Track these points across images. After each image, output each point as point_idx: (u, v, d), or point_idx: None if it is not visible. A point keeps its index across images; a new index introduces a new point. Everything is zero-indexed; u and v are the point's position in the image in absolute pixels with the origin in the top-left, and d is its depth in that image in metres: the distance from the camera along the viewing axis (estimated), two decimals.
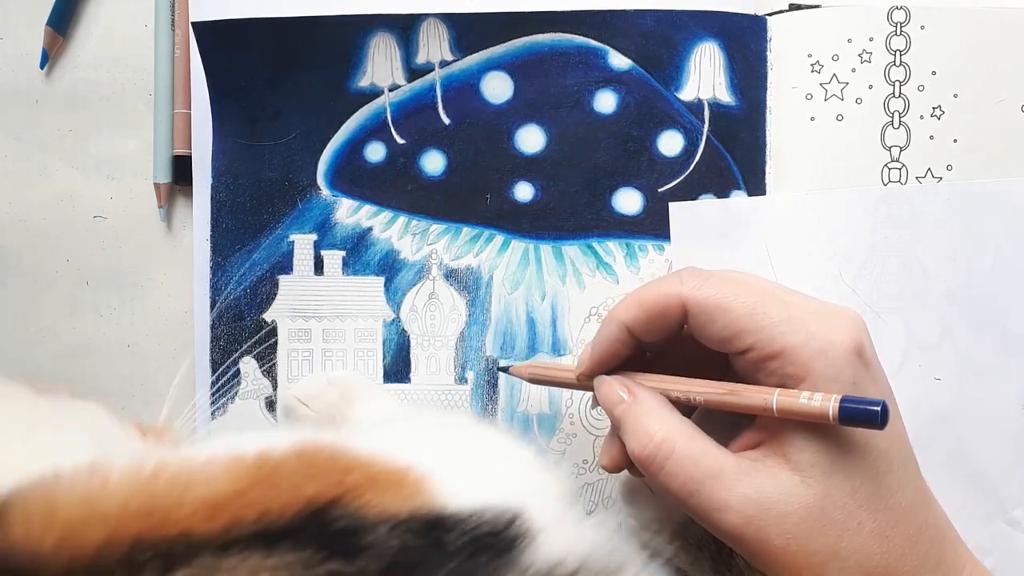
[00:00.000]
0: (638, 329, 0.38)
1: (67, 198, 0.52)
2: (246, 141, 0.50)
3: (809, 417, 0.34)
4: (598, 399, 0.40)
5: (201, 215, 0.50)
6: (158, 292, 0.52)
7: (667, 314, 0.37)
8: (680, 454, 0.35)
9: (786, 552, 0.34)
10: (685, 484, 0.35)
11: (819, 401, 0.34)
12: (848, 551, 0.34)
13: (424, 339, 0.50)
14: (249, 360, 0.50)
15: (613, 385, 0.39)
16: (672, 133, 0.49)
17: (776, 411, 0.34)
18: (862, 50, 0.48)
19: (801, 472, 0.34)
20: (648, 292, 0.38)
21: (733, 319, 0.36)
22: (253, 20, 0.49)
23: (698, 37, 0.48)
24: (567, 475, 0.47)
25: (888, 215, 0.48)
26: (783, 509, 0.34)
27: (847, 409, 0.33)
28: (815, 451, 0.34)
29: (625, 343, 0.39)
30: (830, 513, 0.34)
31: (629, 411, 0.37)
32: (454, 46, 0.49)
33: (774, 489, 0.34)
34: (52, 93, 0.52)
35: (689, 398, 0.37)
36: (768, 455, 0.35)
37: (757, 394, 0.35)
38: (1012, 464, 0.46)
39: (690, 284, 0.37)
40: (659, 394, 0.38)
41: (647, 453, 0.36)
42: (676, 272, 0.38)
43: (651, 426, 0.36)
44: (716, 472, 0.35)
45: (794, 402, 0.34)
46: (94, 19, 0.52)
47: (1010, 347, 0.46)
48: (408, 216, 0.50)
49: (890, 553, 0.34)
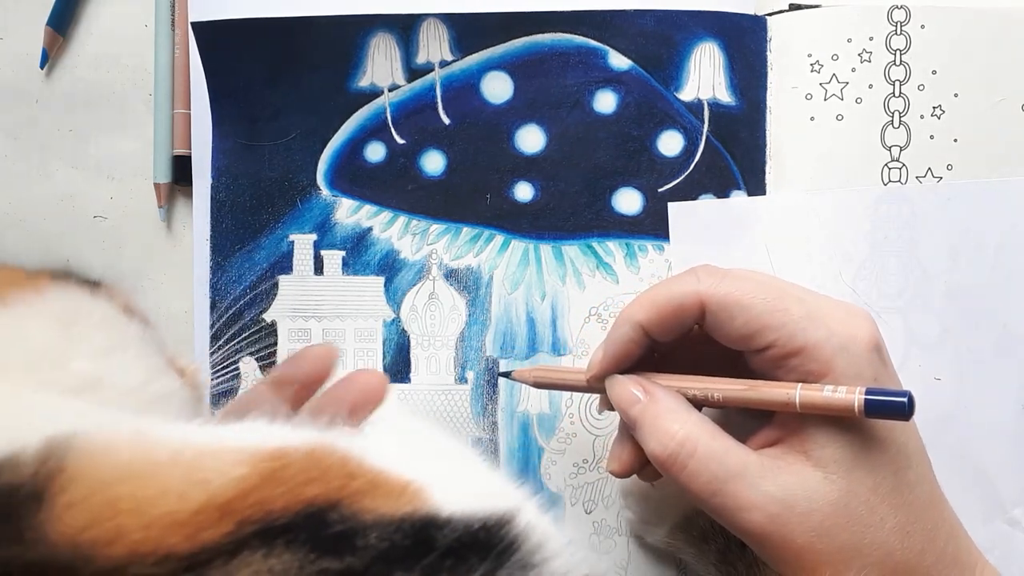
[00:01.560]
0: (653, 329, 0.37)
1: (67, 198, 0.52)
2: (246, 141, 0.50)
3: (834, 411, 0.33)
4: (611, 400, 0.39)
5: (201, 215, 0.50)
6: (158, 292, 0.52)
7: (683, 312, 0.37)
8: (703, 453, 0.35)
9: (810, 550, 0.34)
10: (709, 483, 0.34)
11: (843, 394, 0.33)
12: (870, 547, 0.34)
13: (424, 339, 0.50)
14: (249, 360, 0.50)
15: (628, 385, 0.38)
16: (672, 133, 0.49)
17: (799, 406, 0.34)
18: (862, 49, 0.48)
19: (824, 468, 0.34)
20: (663, 291, 0.37)
21: (753, 316, 0.35)
22: (253, 20, 0.49)
23: (698, 37, 0.48)
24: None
25: (888, 215, 0.47)
26: (808, 506, 0.34)
27: (873, 402, 0.33)
28: (837, 447, 0.34)
29: (639, 343, 0.38)
30: (853, 509, 0.34)
31: (647, 411, 0.37)
32: (454, 46, 0.49)
33: (798, 486, 0.34)
34: (52, 93, 0.52)
35: (707, 396, 0.37)
36: (788, 452, 0.35)
37: (778, 389, 0.35)
38: (1012, 464, 0.46)
39: (708, 282, 0.37)
40: (676, 393, 0.37)
41: (668, 452, 0.35)
42: (691, 270, 0.38)
43: (671, 425, 0.35)
44: (740, 471, 0.34)
45: (817, 396, 0.34)
46: (94, 19, 0.52)
47: (1010, 347, 0.46)
48: (408, 216, 0.50)
49: (910, 549, 0.34)
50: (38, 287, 0.33)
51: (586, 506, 0.49)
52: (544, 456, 0.49)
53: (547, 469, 0.49)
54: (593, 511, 0.48)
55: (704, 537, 0.43)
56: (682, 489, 0.36)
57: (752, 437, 0.37)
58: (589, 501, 0.49)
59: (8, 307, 0.31)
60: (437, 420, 0.49)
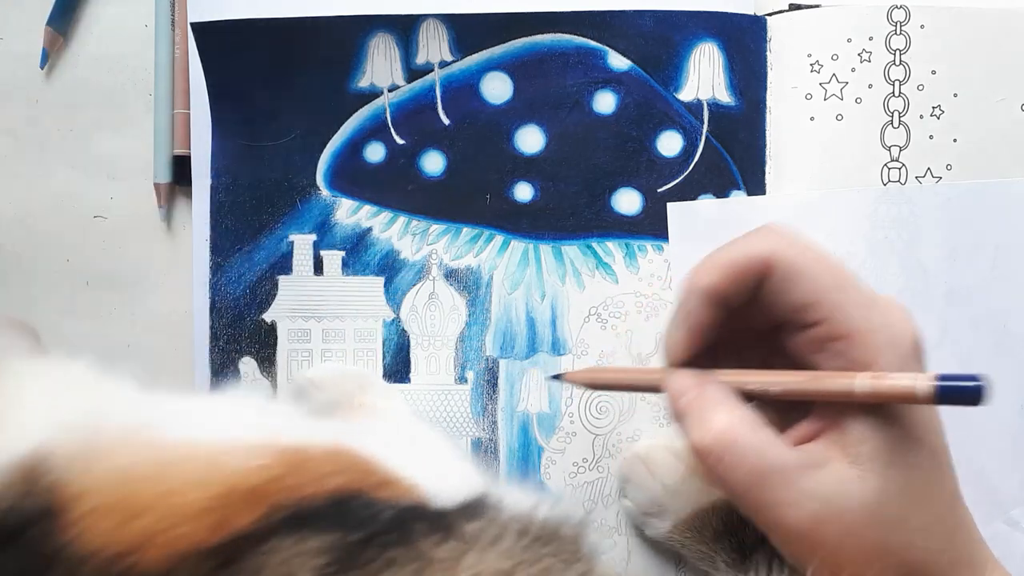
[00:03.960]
0: (722, 294, 0.35)
1: (67, 198, 0.52)
2: (246, 141, 0.50)
3: (900, 399, 0.33)
4: (666, 391, 0.38)
5: (201, 215, 0.50)
6: (158, 292, 0.52)
7: (753, 273, 0.35)
8: (743, 445, 0.34)
9: (840, 548, 0.33)
10: (747, 476, 0.33)
11: (912, 381, 0.32)
12: (896, 547, 0.33)
13: (424, 339, 0.50)
14: (249, 360, 0.50)
15: (684, 377, 0.37)
16: (671, 133, 0.49)
17: (862, 395, 0.33)
18: (862, 49, 0.48)
19: (860, 466, 0.33)
20: (729, 253, 0.36)
21: (815, 288, 0.34)
22: (252, 21, 0.49)
23: (697, 37, 0.48)
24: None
25: (888, 215, 0.47)
26: (844, 504, 0.33)
27: (945, 388, 0.32)
28: (875, 444, 0.33)
29: (711, 314, 0.36)
30: (885, 508, 0.33)
31: (693, 402, 0.36)
32: (454, 46, 0.49)
33: (836, 484, 0.33)
34: (52, 93, 0.52)
35: (766, 389, 0.36)
36: (827, 448, 0.34)
37: (840, 379, 0.34)
38: (1011, 464, 0.46)
39: (779, 242, 0.35)
40: (726, 386, 0.36)
41: (706, 443, 0.34)
42: (759, 229, 0.36)
43: (714, 415, 0.35)
44: (779, 466, 0.33)
45: (884, 383, 0.33)
46: (94, 19, 0.52)
47: (1010, 347, 0.46)
48: (408, 216, 0.50)
49: (931, 549, 0.34)
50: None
51: (586, 506, 0.49)
52: (544, 456, 0.49)
53: (547, 469, 0.49)
54: (593, 511, 0.49)
55: (716, 537, 0.43)
56: (718, 482, 0.35)
57: (790, 431, 0.36)
58: (589, 501, 0.49)
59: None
60: (437, 420, 0.49)
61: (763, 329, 0.37)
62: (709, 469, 0.35)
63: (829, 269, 0.35)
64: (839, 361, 0.34)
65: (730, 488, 0.34)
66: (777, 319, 0.36)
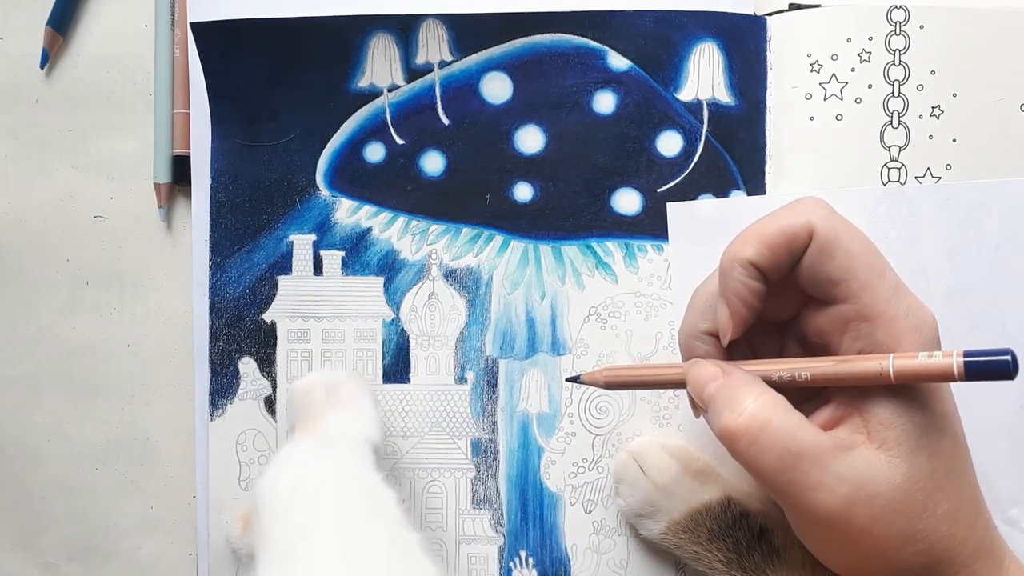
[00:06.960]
0: (765, 264, 0.35)
1: (67, 198, 0.52)
2: (245, 141, 0.50)
3: (931, 377, 0.32)
4: (689, 385, 0.37)
5: (200, 215, 0.50)
6: (158, 292, 0.52)
7: (795, 243, 0.35)
8: (776, 426, 0.33)
9: (868, 534, 0.33)
10: (780, 459, 0.33)
11: (940, 359, 0.32)
12: (923, 533, 0.33)
13: (424, 339, 0.50)
14: (248, 360, 0.50)
15: (707, 366, 0.37)
16: (671, 133, 0.49)
17: (894, 376, 0.33)
18: (861, 49, 0.48)
19: (888, 451, 0.33)
20: (770, 224, 0.36)
21: (851, 263, 0.34)
22: (252, 20, 0.49)
23: (697, 37, 0.48)
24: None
25: (887, 215, 0.47)
26: (874, 490, 0.33)
27: (973, 363, 0.31)
28: (900, 429, 0.33)
29: (755, 287, 0.36)
30: (913, 495, 0.33)
31: (722, 388, 0.35)
32: (453, 47, 0.49)
33: (865, 469, 0.33)
34: (52, 93, 0.52)
35: (793, 376, 0.35)
36: (852, 433, 0.34)
37: (870, 362, 0.34)
38: (1010, 463, 0.46)
39: (819, 212, 0.35)
40: (752, 373, 0.36)
41: (740, 424, 0.34)
42: (797, 201, 0.36)
43: (744, 398, 0.34)
44: (811, 449, 0.33)
45: (912, 363, 0.33)
46: (94, 19, 0.52)
47: (1009, 347, 0.46)
48: (408, 216, 0.50)
49: (955, 537, 0.34)
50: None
51: (586, 506, 0.49)
52: (544, 456, 0.49)
53: (547, 469, 0.49)
54: (593, 511, 0.49)
55: (711, 538, 0.43)
56: (749, 465, 0.34)
57: (811, 417, 0.35)
58: (589, 501, 0.49)
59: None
60: (437, 420, 0.49)
61: (777, 319, 0.37)
62: (740, 452, 0.34)
63: (865, 247, 0.35)
64: (861, 343, 0.34)
65: (762, 470, 0.34)
66: (803, 296, 0.36)
